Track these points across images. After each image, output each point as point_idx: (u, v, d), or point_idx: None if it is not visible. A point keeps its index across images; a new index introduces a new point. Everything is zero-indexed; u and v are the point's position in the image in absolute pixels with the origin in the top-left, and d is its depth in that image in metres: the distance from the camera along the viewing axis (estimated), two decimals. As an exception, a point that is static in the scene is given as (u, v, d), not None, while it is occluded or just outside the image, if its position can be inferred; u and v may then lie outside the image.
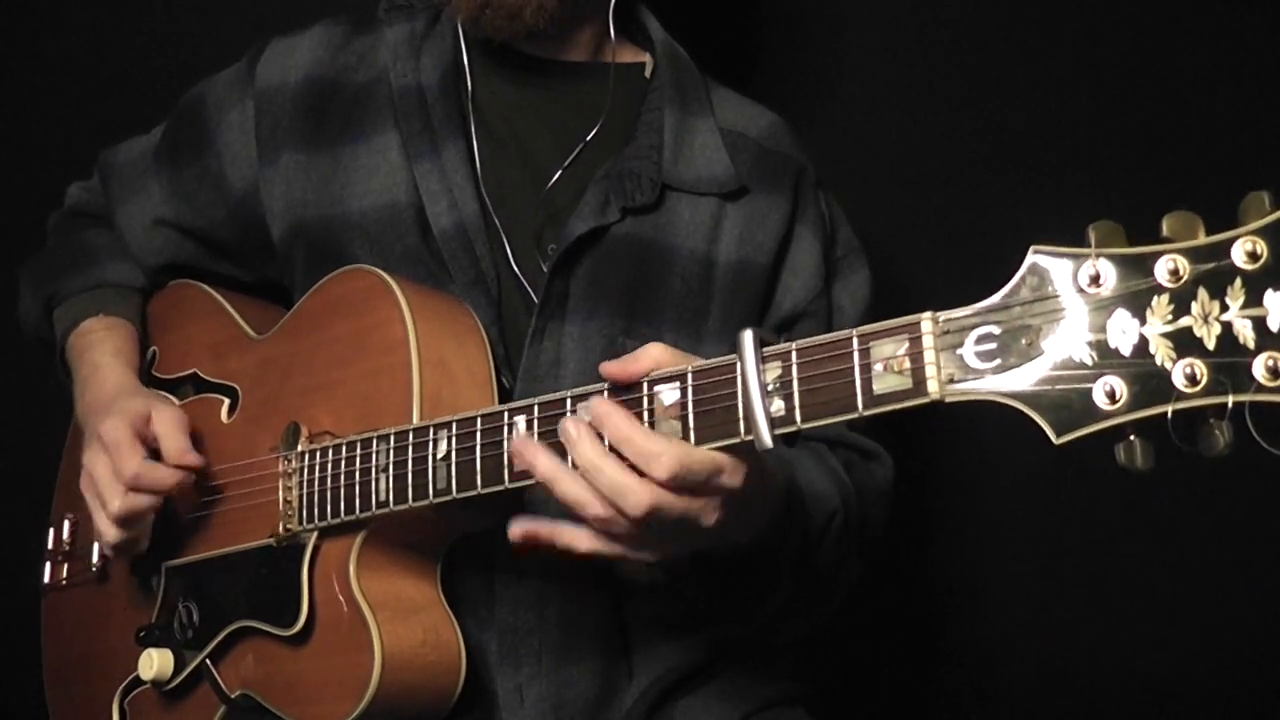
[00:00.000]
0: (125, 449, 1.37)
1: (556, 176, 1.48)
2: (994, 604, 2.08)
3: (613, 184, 1.44)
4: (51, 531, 1.65)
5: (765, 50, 2.07)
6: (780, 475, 1.28)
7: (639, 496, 1.05)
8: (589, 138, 1.48)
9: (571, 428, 1.09)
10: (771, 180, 1.51)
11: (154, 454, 1.40)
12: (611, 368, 1.12)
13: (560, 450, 1.10)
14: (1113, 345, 0.90)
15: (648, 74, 1.57)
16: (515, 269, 1.45)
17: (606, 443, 1.07)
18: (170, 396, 1.52)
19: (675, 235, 1.46)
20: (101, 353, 1.56)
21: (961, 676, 2.09)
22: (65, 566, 1.63)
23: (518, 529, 1.16)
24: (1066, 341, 0.92)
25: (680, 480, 1.05)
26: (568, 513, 1.12)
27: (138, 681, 1.46)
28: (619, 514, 1.06)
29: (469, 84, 1.52)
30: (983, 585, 2.08)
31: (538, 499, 1.37)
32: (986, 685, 2.07)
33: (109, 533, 1.40)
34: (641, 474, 1.05)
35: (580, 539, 1.12)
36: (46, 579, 1.65)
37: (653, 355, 1.11)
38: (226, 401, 1.50)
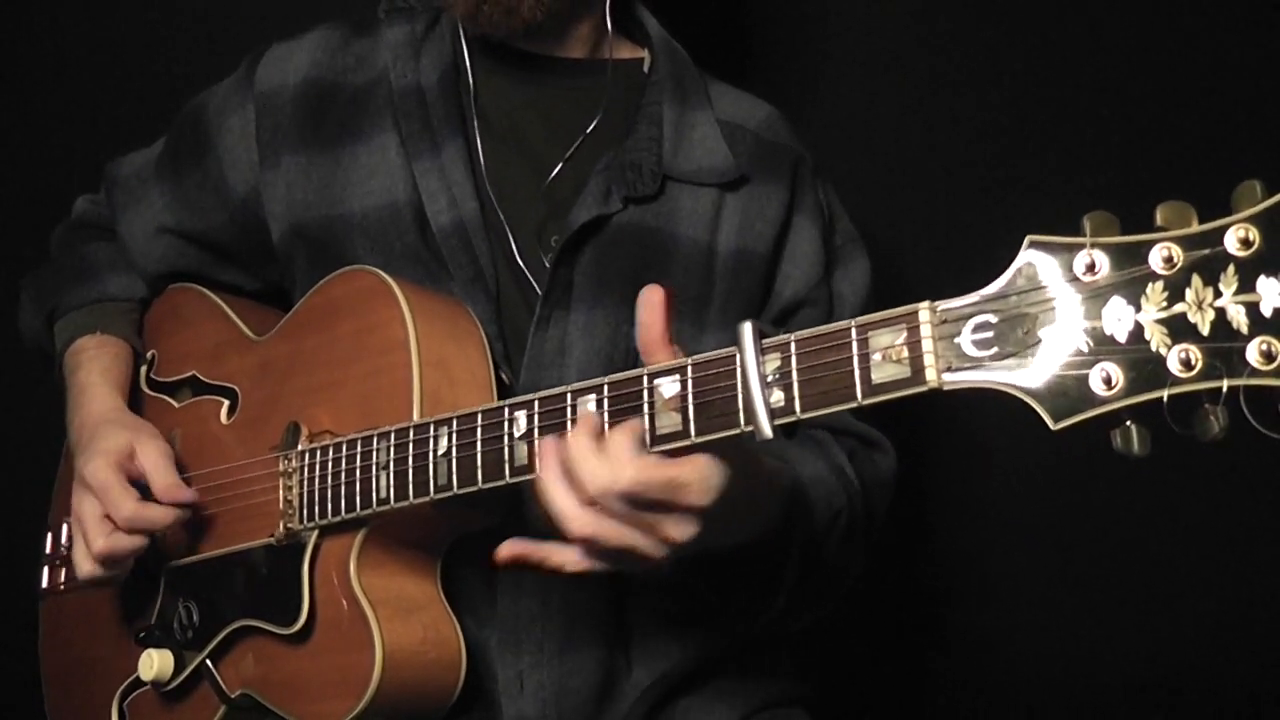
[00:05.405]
0: (116, 491, 1.39)
1: (557, 170, 1.49)
2: (994, 600, 2.08)
3: (614, 174, 1.45)
4: (49, 536, 1.65)
5: (761, 46, 2.08)
6: (786, 477, 1.29)
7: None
8: (589, 130, 1.50)
9: (547, 443, 1.10)
10: (769, 170, 1.52)
11: (142, 488, 1.41)
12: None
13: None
14: (1108, 332, 0.91)
15: (645, 69, 1.58)
16: (520, 263, 1.45)
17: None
18: (154, 426, 1.51)
19: (677, 225, 1.47)
20: (89, 372, 1.57)
21: (961, 675, 2.09)
22: (63, 571, 1.62)
23: (507, 551, 1.15)
24: (1063, 329, 0.92)
25: (637, 498, 1.05)
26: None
27: (138, 683, 1.46)
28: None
29: (470, 83, 1.53)
30: (982, 580, 2.08)
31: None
32: (987, 684, 2.07)
33: (85, 568, 1.42)
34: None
35: (570, 559, 1.11)
36: (45, 584, 1.65)
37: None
38: (226, 403, 1.50)
